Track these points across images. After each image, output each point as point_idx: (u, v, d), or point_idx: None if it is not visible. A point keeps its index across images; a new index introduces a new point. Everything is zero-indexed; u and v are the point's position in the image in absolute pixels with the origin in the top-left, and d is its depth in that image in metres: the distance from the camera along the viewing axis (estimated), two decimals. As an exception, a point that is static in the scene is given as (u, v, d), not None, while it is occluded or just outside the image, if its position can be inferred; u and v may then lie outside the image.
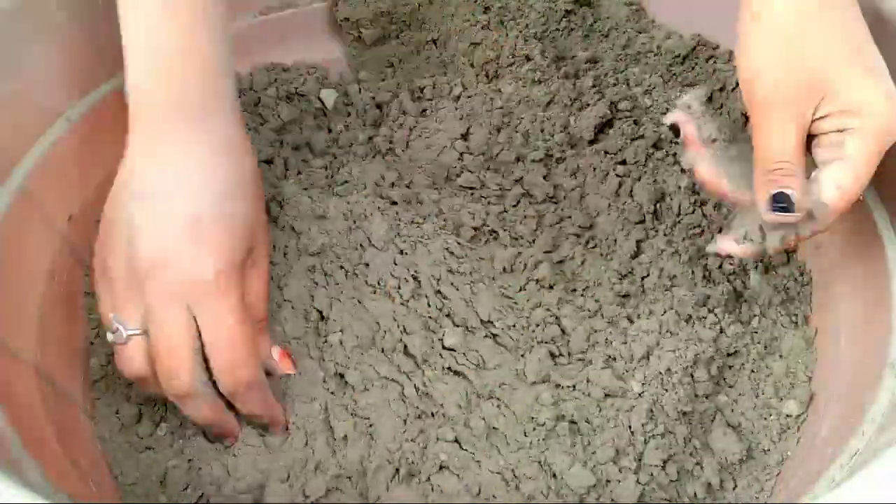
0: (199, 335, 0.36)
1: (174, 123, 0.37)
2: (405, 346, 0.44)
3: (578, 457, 0.40)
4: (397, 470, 0.41)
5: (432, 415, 0.42)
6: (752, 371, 0.45)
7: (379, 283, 0.45)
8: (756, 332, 0.47)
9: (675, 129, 0.45)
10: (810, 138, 0.39)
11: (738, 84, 0.42)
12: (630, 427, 0.41)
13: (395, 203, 0.49)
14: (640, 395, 0.42)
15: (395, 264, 0.45)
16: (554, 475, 0.40)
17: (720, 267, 0.49)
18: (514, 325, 0.46)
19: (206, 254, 0.36)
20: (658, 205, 0.52)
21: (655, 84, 0.57)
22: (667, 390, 0.42)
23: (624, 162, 0.54)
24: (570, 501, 0.39)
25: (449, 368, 0.44)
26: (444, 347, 0.44)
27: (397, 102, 0.59)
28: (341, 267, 0.46)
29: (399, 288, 0.45)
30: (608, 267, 0.49)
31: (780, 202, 0.38)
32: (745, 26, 0.39)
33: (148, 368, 0.37)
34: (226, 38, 0.39)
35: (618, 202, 0.52)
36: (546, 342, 0.45)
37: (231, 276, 0.37)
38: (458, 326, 0.45)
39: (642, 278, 0.49)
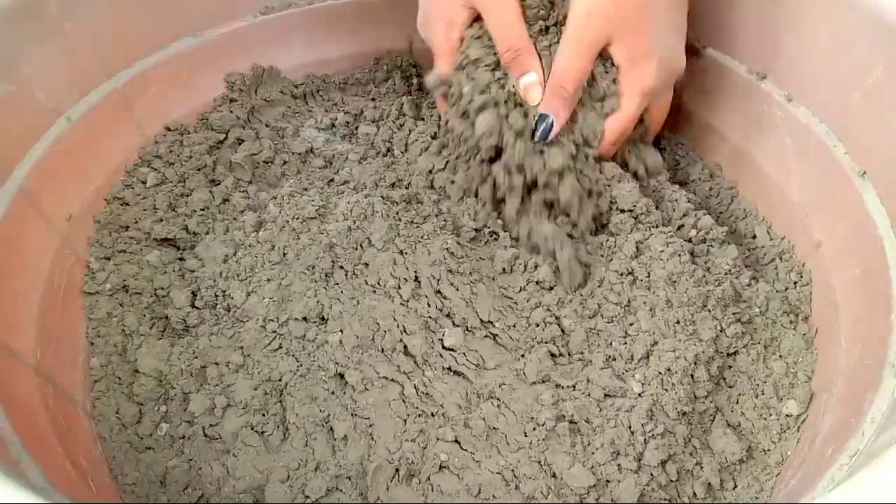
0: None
1: None
2: (405, 346, 0.44)
3: (578, 457, 0.40)
4: (397, 470, 0.41)
5: (432, 415, 0.42)
6: (752, 371, 0.45)
7: (379, 283, 0.45)
8: (756, 332, 0.47)
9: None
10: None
11: None
12: (630, 427, 0.41)
13: (395, 203, 0.49)
14: (640, 395, 0.42)
15: (395, 264, 0.45)
16: (554, 475, 0.40)
17: (723, 267, 0.49)
18: (514, 326, 0.46)
19: None
20: (658, 205, 0.52)
21: None
22: (667, 390, 0.42)
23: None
24: (570, 501, 0.39)
25: (449, 368, 0.44)
26: (444, 347, 0.44)
27: (397, 103, 0.59)
28: (341, 267, 0.46)
29: (399, 288, 0.45)
30: (608, 267, 0.49)
31: (544, 125, 0.46)
32: None
33: None
34: None
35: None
36: (546, 342, 0.45)
37: None
38: (457, 326, 0.45)
39: (642, 278, 0.49)
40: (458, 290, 0.46)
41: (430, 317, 0.45)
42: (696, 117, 0.59)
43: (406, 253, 0.46)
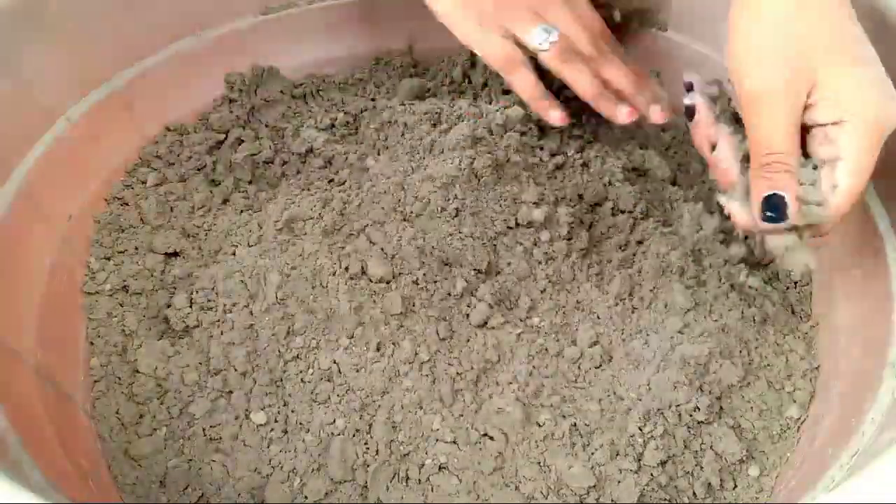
0: None
1: None
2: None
3: (578, 457, 0.40)
4: (397, 470, 0.41)
5: (434, 413, 0.42)
6: (753, 371, 0.45)
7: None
8: (756, 333, 0.47)
9: (690, 111, 0.43)
10: (804, 131, 0.38)
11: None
12: (629, 427, 0.41)
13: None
14: (639, 395, 0.42)
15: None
16: (554, 475, 0.40)
17: (722, 267, 0.49)
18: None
19: None
20: (658, 205, 0.52)
21: None
22: (666, 390, 0.42)
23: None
24: (570, 502, 0.39)
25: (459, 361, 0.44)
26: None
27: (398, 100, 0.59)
28: (345, 268, 0.46)
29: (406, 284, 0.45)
30: (609, 267, 0.49)
31: (773, 206, 0.38)
32: (736, 16, 0.39)
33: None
34: None
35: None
36: (546, 343, 0.45)
37: None
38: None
39: (643, 279, 0.49)
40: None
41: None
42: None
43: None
